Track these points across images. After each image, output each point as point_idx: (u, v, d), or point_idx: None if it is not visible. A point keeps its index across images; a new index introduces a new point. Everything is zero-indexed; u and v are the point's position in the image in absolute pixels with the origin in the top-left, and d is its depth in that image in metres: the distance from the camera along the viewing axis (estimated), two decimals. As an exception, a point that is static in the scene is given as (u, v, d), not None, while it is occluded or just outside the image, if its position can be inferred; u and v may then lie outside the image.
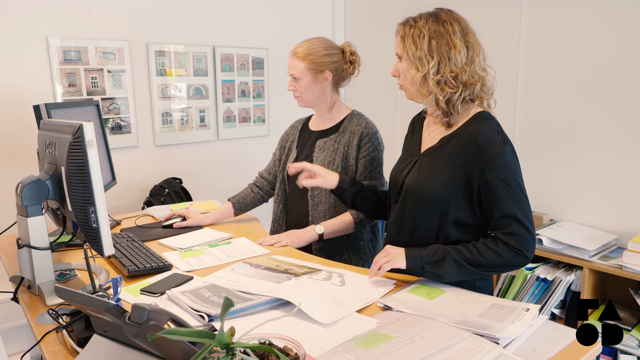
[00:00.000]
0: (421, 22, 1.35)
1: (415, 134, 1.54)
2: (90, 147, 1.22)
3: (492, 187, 1.29)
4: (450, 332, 1.03)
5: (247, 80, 3.34)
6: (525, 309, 1.14)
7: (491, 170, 1.29)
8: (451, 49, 1.31)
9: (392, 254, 1.34)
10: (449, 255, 1.30)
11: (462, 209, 1.35)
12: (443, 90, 1.34)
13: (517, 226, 1.28)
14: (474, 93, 1.37)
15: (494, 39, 2.79)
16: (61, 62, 2.61)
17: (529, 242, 1.29)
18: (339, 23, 3.71)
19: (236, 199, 2.06)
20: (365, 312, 1.21)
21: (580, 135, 2.50)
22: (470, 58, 1.34)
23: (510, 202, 1.29)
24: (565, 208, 2.61)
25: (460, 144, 1.34)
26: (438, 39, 1.32)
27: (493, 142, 1.30)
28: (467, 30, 1.35)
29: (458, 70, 1.32)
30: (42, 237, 1.35)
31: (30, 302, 1.34)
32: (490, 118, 1.37)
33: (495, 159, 1.29)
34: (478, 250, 1.29)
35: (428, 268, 1.31)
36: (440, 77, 1.33)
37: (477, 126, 1.34)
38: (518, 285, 2.45)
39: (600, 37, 2.38)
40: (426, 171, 1.39)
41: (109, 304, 0.89)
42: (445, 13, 1.37)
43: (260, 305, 1.22)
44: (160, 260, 1.54)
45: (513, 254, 1.28)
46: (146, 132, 2.97)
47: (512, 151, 1.33)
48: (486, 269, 1.30)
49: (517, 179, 1.31)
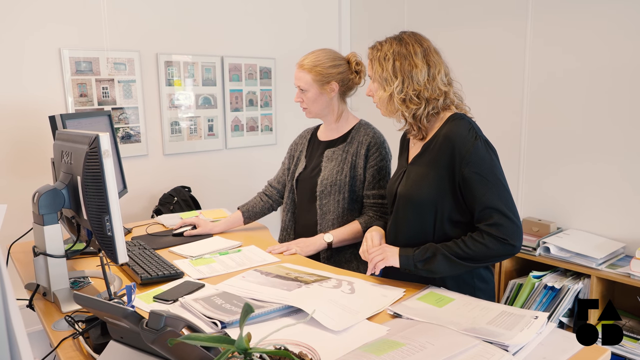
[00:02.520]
0: (386, 46, 1.47)
1: (404, 148, 1.63)
2: (106, 157, 1.25)
3: (470, 181, 1.36)
4: (460, 339, 1.04)
5: (254, 90, 3.38)
6: (534, 316, 1.15)
7: (467, 165, 1.36)
8: (413, 69, 1.42)
9: (387, 253, 1.43)
10: (439, 252, 1.37)
11: (452, 208, 1.42)
12: (408, 107, 1.45)
13: (499, 216, 1.33)
14: (437, 107, 1.45)
15: (500, 50, 2.82)
16: (73, 72, 2.65)
17: (512, 230, 1.33)
18: (345, 33, 3.75)
19: (246, 207, 2.08)
20: (375, 319, 1.23)
21: (587, 144, 2.51)
22: (432, 75, 1.43)
23: (489, 194, 1.34)
24: (572, 216, 2.61)
25: (438, 146, 1.42)
26: (401, 60, 1.43)
27: (465, 138, 1.38)
28: (429, 50, 1.46)
29: (420, 87, 1.42)
30: (58, 245, 1.37)
31: (45, 309, 1.37)
32: (462, 117, 1.44)
33: (469, 154, 1.36)
34: (465, 244, 1.36)
35: (420, 266, 1.39)
36: (404, 96, 1.43)
37: (449, 127, 1.42)
38: (526, 293, 2.45)
39: (607, 45, 2.40)
40: (413, 178, 1.48)
41: (127, 311, 0.91)
42: (408, 36, 1.48)
43: (272, 313, 1.24)
44: (172, 268, 1.56)
45: (499, 244, 1.33)
46: (155, 141, 3.01)
47: (485, 146, 1.39)
48: (476, 262, 1.36)
49: (494, 171, 1.37)
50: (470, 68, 2.96)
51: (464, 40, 2.98)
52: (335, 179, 1.84)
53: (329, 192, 1.85)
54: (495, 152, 1.42)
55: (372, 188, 1.84)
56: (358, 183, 1.85)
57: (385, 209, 1.85)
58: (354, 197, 1.86)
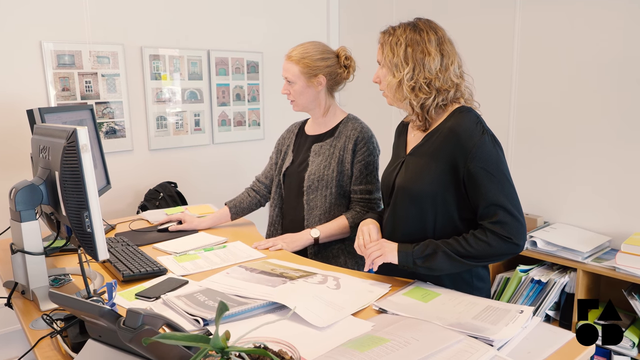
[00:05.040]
0: (399, 31, 1.41)
1: (401, 137, 1.57)
2: (84, 152, 1.22)
3: (476, 177, 1.31)
4: (445, 335, 1.03)
5: (242, 84, 3.34)
6: (519, 311, 1.15)
7: (473, 160, 1.31)
8: (425, 57, 1.36)
9: (385, 248, 1.37)
10: (440, 249, 1.32)
11: (454, 203, 1.37)
12: (417, 96, 1.39)
13: (504, 214, 1.29)
14: (447, 99, 1.40)
15: (487, 41, 2.81)
16: (55, 66, 2.60)
17: (517, 229, 1.30)
18: (334, 27, 3.73)
19: (233, 203, 2.06)
20: (361, 315, 1.21)
21: (574, 138, 2.52)
22: (444, 66, 1.38)
23: (494, 191, 1.30)
24: (559, 210, 2.62)
25: (442, 138, 1.37)
26: (414, 47, 1.37)
27: (472, 132, 1.33)
28: (444, 39, 1.41)
29: (432, 76, 1.37)
30: (36, 242, 1.34)
31: (24, 308, 1.34)
32: (469, 110, 1.40)
33: (475, 148, 1.31)
34: (467, 242, 1.31)
35: (420, 263, 1.34)
36: (414, 83, 1.38)
37: (455, 119, 1.37)
38: (513, 287, 2.46)
39: (593, 40, 2.40)
40: (413, 169, 1.42)
41: (104, 309, 0.89)
42: (423, 23, 1.42)
43: (256, 309, 1.22)
44: (155, 265, 1.53)
45: (502, 243, 1.29)
46: (141, 136, 2.97)
47: (492, 140, 1.35)
48: (478, 260, 1.32)
49: (501, 167, 1.33)
50: (458, 62, 2.95)
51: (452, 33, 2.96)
52: (323, 174, 1.82)
53: (316, 187, 1.83)
54: (501, 147, 1.37)
55: (359, 183, 1.83)
56: (345, 178, 1.83)
57: (373, 204, 1.83)
58: (341, 192, 1.84)
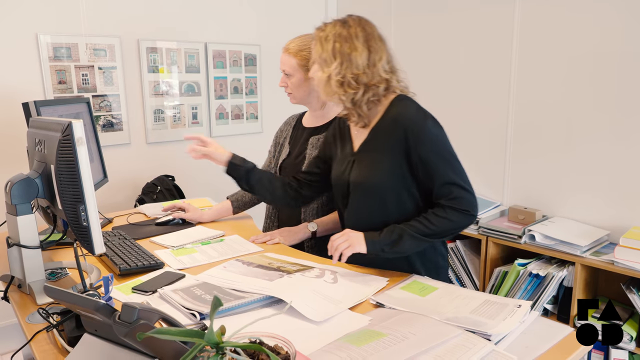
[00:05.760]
0: (329, 27, 1.45)
1: (345, 135, 1.59)
2: (79, 145, 1.21)
3: (427, 160, 1.38)
4: (442, 329, 1.03)
5: (239, 77, 3.32)
6: (517, 305, 1.14)
7: (422, 145, 1.38)
8: (352, 52, 1.39)
9: (353, 239, 1.40)
10: (405, 233, 1.38)
11: (411, 188, 1.43)
12: (346, 92, 1.42)
13: (458, 190, 1.37)
14: (378, 94, 1.43)
15: (486, 35, 2.80)
16: (51, 58, 2.58)
17: (471, 202, 1.39)
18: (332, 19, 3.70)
19: (235, 197, 2.06)
20: (358, 309, 1.21)
21: (572, 131, 2.51)
22: (372, 61, 1.41)
23: (446, 171, 1.38)
24: (558, 204, 2.62)
25: (388, 129, 1.42)
26: (341, 42, 1.41)
27: (416, 119, 1.39)
28: (372, 35, 1.43)
29: (359, 72, 1.40)
30: (32, 235, 1.33)
31: (20, 301, 1.33)
32: (407, 99, 1.45)
33: (422, 134, 1.38)
34: (429, 220, 1.38)
35: (387, 249, 1.39)
36: (342, 78, 1.40)
37: (397, 109, 1.43)
38: (511, 281, 2.46)
39: (594, 32, 2.39)
40: (367, 164, 1.46)
41: (99, 304, 0.88)
42: (352, 19, 1.45)
43: (253, 303, 1.22)
44: (152, 259, 1.53)
45: (461, 216, 1.38)
46: (138, 130, 2.95)
47: (435, 123, 1.41)
48: (441, 236, 1.40)
49: (447, 147, 1.41)
50: (456, 54, 2.94)
51: (451, 26, 2.95)
52: None
53: None
54: (443, 128, 1.44)
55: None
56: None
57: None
58: None
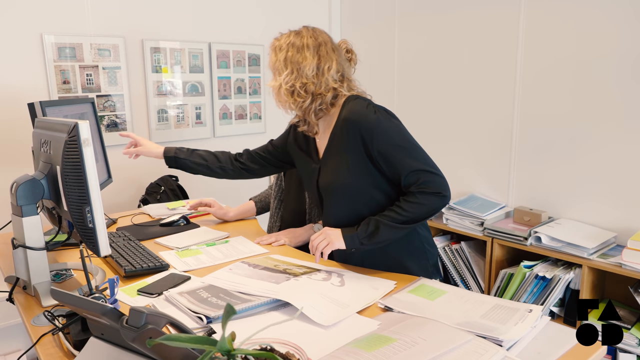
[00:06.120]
0: (284, 37, 1.50)
1: (310, 147, 1.61)
2: (85, 146, 1.20)
3: (386, 154, 1.40)
4: (453, 334, 1.01)
5: (243, 77, 3.31)
6: (528, 310, 1.13)
7: (377, 140, 1.40)
8: (303, 61, 1.44)
9: (331, 236, 1.44)
10: (380, 223, 1.41)
11: (379, 183, 1.45)
12: (295, 100, 1.46)
13: (425, 175, 1.39)
14: (325, 102, 1.46)
15: (491, 33, 2.78)
16: (55, 58, 2.57)
17: (440, 183, 1.40)
18: (336, 20, 3.69)
19: (258, 198, 2.08)
20: (366, 313, 1.20)
21: (579, 133, 2.49)
22: (321, 70, 1.45)
23: (408, 159, 1.39)
24: (564, 205, 2.60)
25: (343, 132, 1.45)
26: (293, 52, 1.45)
27: (366, 116, 1.41)
28: (323, 45, 1.46)
29: (307, 81, 1.44)
30: (38, 237, 1.32)
31: (25, 303, 1.32)
32: (355, 98, 1.47)
33: (375, 129, 1.40)
34: (402, 208, 1.40)
35: (366, 242, 1.42)
36: (291, 87, 1.45)
37: (347, 110, 1.45)
38: (516, 283, 2.45)
39: (601, 34, 2.37)
40: (331, 169, 1.49)
41: (106, 308, 0.87)
42: (307, 30, 1.50)
43: (260, 307, 1.20)
44: (157, 260, 1.52)
45: (433, 198, 1.40)
46: (142, 130, 2.94)
47: (386, 116, 1.43)
48: (416, 221, 1.42)
49: (404, 136, 1.42)
50: (461, 54, 2.92)
51: (455, 26, 2.93)
52: None
53: None
54: (397, 117, 1.45)
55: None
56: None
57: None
58: None
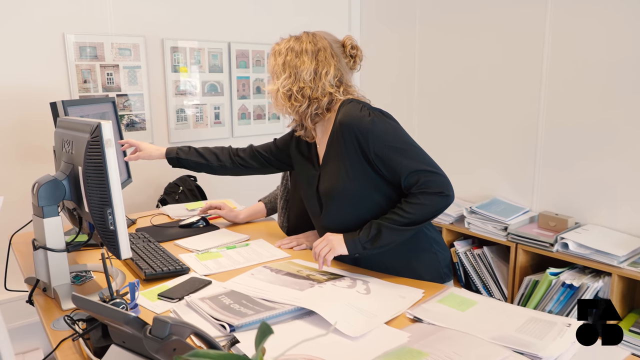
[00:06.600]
0: (284, 42, 1.50)
1: (311, 149, 1.58)
2: (108, 147, 1.18)
3: (384, 156, 1.37)
4: (489, 350, 0.96)
5: (262, 77, 3.28)
6: (566, 324, 1.07)
7: (374, 143, 1.37)
8: (301, 65, 1.44)
9: (333, 242, 1.41)
10: (383, 226, 1.37)
11: (379, 185, 1.42)
12: (292, 105, 1.46)
13: (425, 175, 1.36)
14: (321, 107, 1.45)
15: (517, 34, 2.71)
16: (77, 58, 2.57)
17: (442, 182, 1.36)
18: (355, 19, 3.64)
19: (267, 199, 2.05)
20: (394, 323, 1.15)
21: (608, 137, 2.41)
22: (318, 75, 1.44)
23: (407, 161, 1.36)
24: (591, 211, 2.52)
25: (340, 137, 1.42)
26: (292, 56, 1.45)
27: (361, 119, 1.38)
28: (322, 50, 1.46)
29: (305, 85, 1.43)
30: (59, 238, 1.31)
31: (45, 306, 1.30)
32: (350, 101, 1.44)
33: (371, 133, 1.36)
34: (404, 210, 1.37)
35: (368, 246, 1.38)
36: (288, 91, 1.45)
37: (342, 114, 1.42)
38: (542, 290, 2.37)
39: (630, 36, 2.29)
40: (330, 174, 1.46)
41: (129, 316, 0.84)
42: (306, 35, 1.50)
43: (284, 315, 1.17)
44: (177, 263, 1.49)
45: (436, 198, 1.36)
46: (161, 129, 2.93)
47: (381, 118, 1.39)
48: (419, 223, 1.38)
49: (401, 137, 1.39)
50: (484, 55, 2.85)
51: (478, 27, 2.87)
52: None
53: None
54: (393, 117, 1.42)
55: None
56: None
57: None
58: None
